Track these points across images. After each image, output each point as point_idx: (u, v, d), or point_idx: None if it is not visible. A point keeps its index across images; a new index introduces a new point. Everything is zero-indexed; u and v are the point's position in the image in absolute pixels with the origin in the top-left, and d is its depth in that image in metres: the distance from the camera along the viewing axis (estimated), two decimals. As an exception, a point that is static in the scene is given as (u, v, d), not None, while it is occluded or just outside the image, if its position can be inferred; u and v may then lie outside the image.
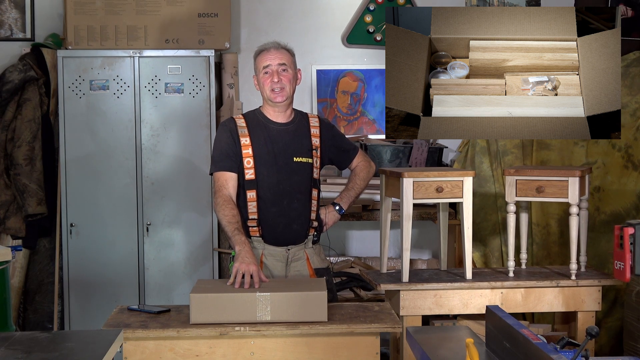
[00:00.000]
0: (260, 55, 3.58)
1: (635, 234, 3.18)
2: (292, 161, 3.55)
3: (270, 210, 3.52)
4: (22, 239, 5.07)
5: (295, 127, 3.62)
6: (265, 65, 3.54)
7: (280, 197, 3.53)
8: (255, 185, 3.51)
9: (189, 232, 4.98)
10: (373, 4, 5.40)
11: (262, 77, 3.56)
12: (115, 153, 4.92)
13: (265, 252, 3.54)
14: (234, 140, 3.53)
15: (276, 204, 3.53)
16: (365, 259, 5.28)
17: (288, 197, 3.54)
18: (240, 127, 3.55)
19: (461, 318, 3.94)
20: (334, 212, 3.74)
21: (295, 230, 3.57)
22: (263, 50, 3.59)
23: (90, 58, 4.90)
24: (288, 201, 3.54)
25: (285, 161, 3.55)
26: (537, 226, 4.99)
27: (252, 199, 3.52)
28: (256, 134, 3.54)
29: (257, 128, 3.56)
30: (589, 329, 2.44)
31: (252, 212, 3.52)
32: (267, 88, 3.55)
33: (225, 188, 3.48)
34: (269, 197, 3.52)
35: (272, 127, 3.58)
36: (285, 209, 3.54)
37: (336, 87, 5.42)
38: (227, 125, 3.57)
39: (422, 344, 2.65)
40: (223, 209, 3.43)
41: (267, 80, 3.54)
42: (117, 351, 2.69)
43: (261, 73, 3.55)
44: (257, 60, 3.58)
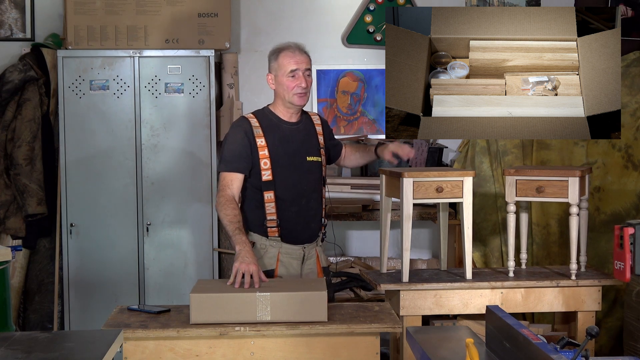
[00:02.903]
0: (284, 56, 3.56)
1: (635, 234, 3.18)
2: (306, 160, 3.60)
3: (290, 210, 3.55)
4: (22, 239, 5.07)
5: (304, 127, 3.66)
6: (293, 69, 3.53)
7: (298, 197, 3.56)
8: (273, 186, 3.53)
9: (189, 232, 4.98)
10: (373, 4, 5.40)
11: (286, 79, 3.54)
12: (115, 153, 4.92)
13: (282, 250, 3.57)
14: (249, 141, 3.52)
15: (295, 203, 3.56)
16: (365, 259, 5.28)
17: (305, 196, 3.58)
18: (254, 127, 3.55)
19: (461, 318, 3.94)
20: (394, 143, 3.80)
21: (312, 228, 3.63)
22: (287, 51, 3.56)
23: (90, 58, 4.90)
24: (306, 200, 3.59)
25: (299, 161, 3.58)
26: (537, 226, 4.99)
27: (270, 199, 3.53)
28: (270, 135, 3.55)
29: (270, 128, 3.57)
30: (589, 329, 2.44)
31: (270, 212, 3.54)
32: (292, 91, 3.54)
33: (230, 188, 3.49)
34: (287, 197, 3.54)
35: (285, 126, 3.60)
36: (304, 208, 3.58)
37: (336, 87, 5.42)
38: (242, 126, 3.56)
39: (422, 344, 2.65)
40: (225, 208, 3.43)
41: (292, 83, 3.54)
42: (117, 351, 2.69)
43: (286, 75, 3.54)
44: (281, 60, 3.55)
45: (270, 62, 3.59)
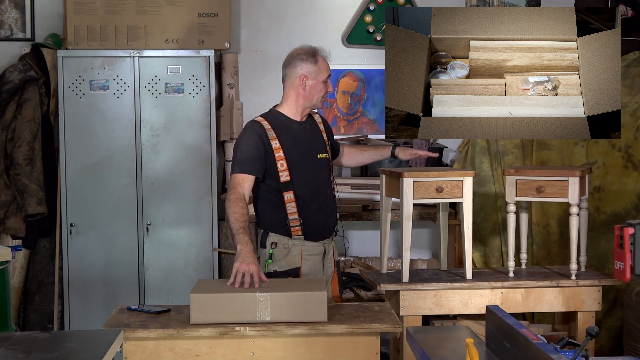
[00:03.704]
0: (322, 61, 3.60)
1: (635, 234, 3.18)
2: (317, 158, 3.64)
3: (311, 208, 3.58)
4: (22, 239, 5.07)
5: (310, 125, 3.69)
6: (329, 76, 3.61)
7: (317, 194, 3.60)
8: (291, 186, 3.54)
9: (189, 232, 4.98)
10: (373, 4, 5.40)
11: (320, 85, 3.59)
12: (115, 153, 4.92)
13: (305, 248, 3.59)
14: (264, 144, 3.53)
15: (315, 201, 3.59)
16: (365, 259, 5.28)
17: (322, 193, 3.63)
18: (267, 129, 3.55)
19: (461, 318, 3.94)
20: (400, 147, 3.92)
21: (330, 224, 3.67)
22: (321, 56, 3.62)
23: (90, 58, 4.90)
24: (323, 197, 3.63)
25: (312, 159, 3.62)
26: (537, 226, 4.99)
27: (290, 199, 3.55)
28: (283, 136, 3.57)
29: (282, 130, 3.58)
30: (589, 329, 2.44)
31: (292, 212, 3.55)
32: (321, 96, 3.61)
33: (241, 187, 3.50)
34: (307, 195, 3.57)
35: (295, 127, 3.62)
36: (322, 204, 3.62)
37: (336, 87, 5.42)
38: (255, 130, 3.56)
39: (422, 344, 2.65)
40: (234, 205, 3.44)
41: (323, 89, 3.60)
42: (117, 351, 2.69)
43: (321, 81, 3.58)
44: (321, 64, 3.59)
45: (304, 63, 3.57)
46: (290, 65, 3.60)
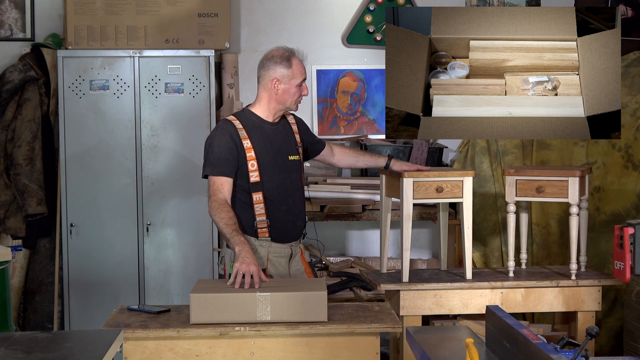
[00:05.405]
0: (297, 65, 3.55)
1: (635, 234, 3.18)
2: (288, 160, 3.61)
3: (280, 209, 3.56)
4: (22, 239, 5.07)
5: (282, 127, 3.66)
6: (304, 79, 3.56)
7: (285, 196, 3.57)
8: (261, 187, 3.53)
9: (189, 232, 4.98)
10: (373, 4, 5.40)
11: (294, 89, 3.54)
12: (115, 153, 4.92)
13: (271, 250, 3.57)
14: (235, 144, 3.50)
15: (283, 203, 3.57)
16: (365, 259, 5.28)
17: (292, 195, 3.60)
18: (239, 129, 3.53)
19: (461, 318, 3.94)
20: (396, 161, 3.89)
21: (299, 226, 3.65)
22: (296, 59, 3.56)
23: (90, 58, 4.90)
24: (292, 199, 3.60)
25: (283, 160, 3.59)
26: (537, 226, 4.99)
27: (259, 200, 3.53)
28: (254, 136, 3.54)
29: (254, 129, 3.56)
30: (589, 329, 2.44)
31: (260, 213, 3.54)
32: (294, 100, 3.57)
33: (221, 192, 3.48)
34: (275, 197, 3.55)
35: (267, 127, 3.59)
36: (291, 206, 3.59)
37: (336, 87, 5.42)
38: (226, 129, 3.53)
39: (422, 344, 2.65)
40: (219, 212, 3.42)
41: (297, 93, 3.56)
42: (117, 351, 2.69)
43: (295, 85, 3.54)
44: (295, 68, 3.54)
45: (277, 67, 3.52)
46: (264, 67, 3.55)
